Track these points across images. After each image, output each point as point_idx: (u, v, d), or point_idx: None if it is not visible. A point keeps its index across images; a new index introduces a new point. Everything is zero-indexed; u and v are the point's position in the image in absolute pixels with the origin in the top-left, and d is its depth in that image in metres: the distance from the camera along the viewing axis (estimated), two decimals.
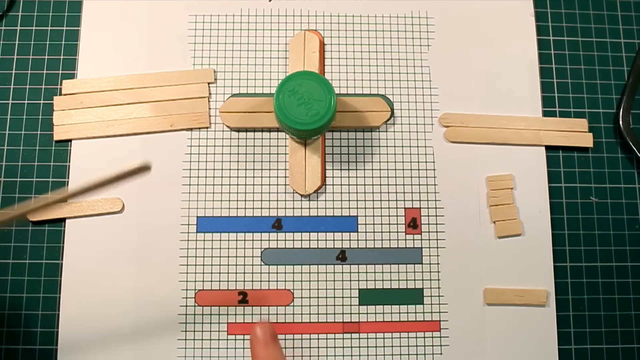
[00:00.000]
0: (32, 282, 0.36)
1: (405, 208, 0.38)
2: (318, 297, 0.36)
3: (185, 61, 0.39)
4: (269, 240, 0.37)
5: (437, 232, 0.37)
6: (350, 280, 0.37)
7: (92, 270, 0.36)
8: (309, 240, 0.37)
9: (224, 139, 0.38)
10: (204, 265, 0.36)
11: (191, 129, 0.38)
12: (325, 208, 0.37)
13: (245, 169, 0.38)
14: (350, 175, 0.38)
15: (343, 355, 0.36)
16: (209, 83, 0.39)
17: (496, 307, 0.36)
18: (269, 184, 0.38)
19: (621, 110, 0.39)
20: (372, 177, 0.38)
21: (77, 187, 0.28)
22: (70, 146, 0.38)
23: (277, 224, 0.37)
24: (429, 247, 0.37)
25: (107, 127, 0.38)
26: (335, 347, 0.36)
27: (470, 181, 0.38)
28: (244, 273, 0.36)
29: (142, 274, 0.36)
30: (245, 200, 0.37)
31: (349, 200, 0.38)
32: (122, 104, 0.38)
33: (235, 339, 0.36)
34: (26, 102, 0.38)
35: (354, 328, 0.36)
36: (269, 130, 0.38)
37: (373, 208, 0.37)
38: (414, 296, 0.36)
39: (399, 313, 0.36)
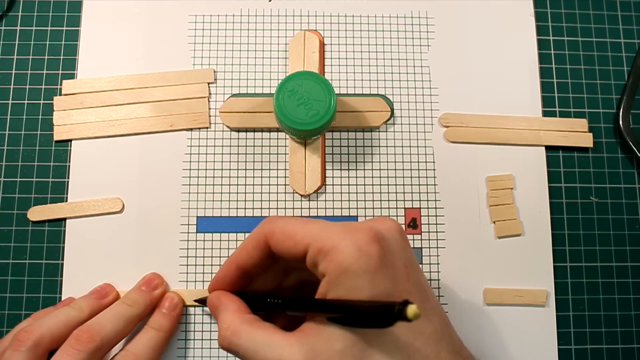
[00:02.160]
0: (32, 282, 0.36)
1: (405, 208, 0.38)
2: None
3: (185, 61, 0.39)
4: None
5: (437, 232, 0.37)
6: None
7: (92, 270, 0.36)
8: None
9: (224, 139, 0.38)
10: (204, 265, 0.36)
11: (191, 129, 0.38)
12: (325, 208, 0.37)
13: (245, 169, 0.38)
14: (350, 175, 0.38)
15: None
16: (209, 83, 0.39)
17: (496, 307, 0.36)
18: (269, 184, 0.38)
19: (621, 110, 0.39)
20: (372, 177, 0.38)
21: None
22: (70, 146, 0.38)
23: None
24: (429, 247, 0.37)
25: (107, 127, 0.38)
26: None
27: (470, 181, 0.38)
28: None
29: (142, 274, 0.36)
30: (245, 200, 0.37)
31: (349, 200, 0.37)
32: (122, 104, 0.38)
33: None
34: (26, 102, 0.38)
35: None
36: (269, 130, 0.38)
37: (373, 208, 0.37)
38: None
39: None
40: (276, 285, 0.31)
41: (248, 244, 0.28)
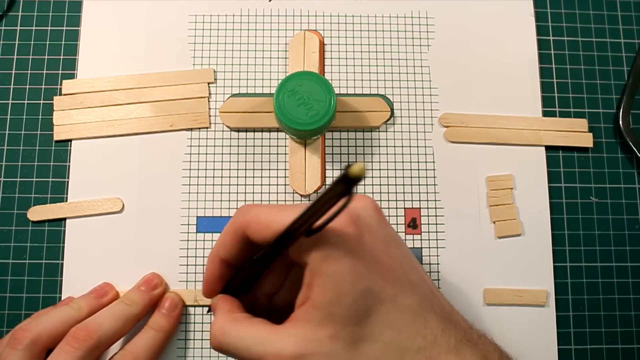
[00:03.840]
0: (32, 282, 0.36)
1: (405, 208, 0.38)
2: None
3: (185, 61, 0.39)
4: None
5: (437, 232, 0.37)
6: None
7: (92, 270, 0.36)
8: None
9: (224, 139, 0.38)
10: (203, 265, 0.36)
11: (191, 129, 0.38)
12: None
13: (245, 169, 0.38)
14: None
15: None
16: (208, 83, 0.39)
17: (496, 307, 0.36)
18: (269, 184, 0.38)
19: (621, 110, 0.39)
20: (372, 177, 0.38)
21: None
22: (70, 146, 0.38)
23: None
24: (429, 247, 0.37)
25: (107, 127, 0.38)
26: None
27: (470, 181, 0.38)
28: None
29: (142, 274, 0.36)
30: (245, 201, 0.37)
31: None
32: (122, 104, 0.38)
33: None
34: (26, 102, 0.38)
35: None
36: (269, 130, 0.38)
37: None
38: None
39: None
40: (281, 282, 0.31)
41: (226, 238, 0.27)
